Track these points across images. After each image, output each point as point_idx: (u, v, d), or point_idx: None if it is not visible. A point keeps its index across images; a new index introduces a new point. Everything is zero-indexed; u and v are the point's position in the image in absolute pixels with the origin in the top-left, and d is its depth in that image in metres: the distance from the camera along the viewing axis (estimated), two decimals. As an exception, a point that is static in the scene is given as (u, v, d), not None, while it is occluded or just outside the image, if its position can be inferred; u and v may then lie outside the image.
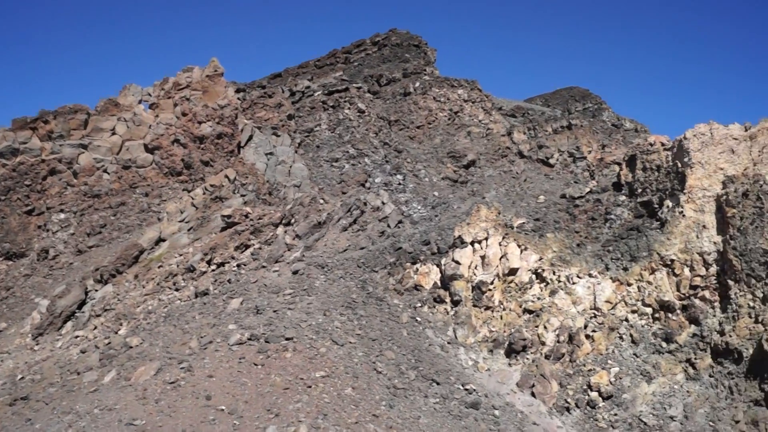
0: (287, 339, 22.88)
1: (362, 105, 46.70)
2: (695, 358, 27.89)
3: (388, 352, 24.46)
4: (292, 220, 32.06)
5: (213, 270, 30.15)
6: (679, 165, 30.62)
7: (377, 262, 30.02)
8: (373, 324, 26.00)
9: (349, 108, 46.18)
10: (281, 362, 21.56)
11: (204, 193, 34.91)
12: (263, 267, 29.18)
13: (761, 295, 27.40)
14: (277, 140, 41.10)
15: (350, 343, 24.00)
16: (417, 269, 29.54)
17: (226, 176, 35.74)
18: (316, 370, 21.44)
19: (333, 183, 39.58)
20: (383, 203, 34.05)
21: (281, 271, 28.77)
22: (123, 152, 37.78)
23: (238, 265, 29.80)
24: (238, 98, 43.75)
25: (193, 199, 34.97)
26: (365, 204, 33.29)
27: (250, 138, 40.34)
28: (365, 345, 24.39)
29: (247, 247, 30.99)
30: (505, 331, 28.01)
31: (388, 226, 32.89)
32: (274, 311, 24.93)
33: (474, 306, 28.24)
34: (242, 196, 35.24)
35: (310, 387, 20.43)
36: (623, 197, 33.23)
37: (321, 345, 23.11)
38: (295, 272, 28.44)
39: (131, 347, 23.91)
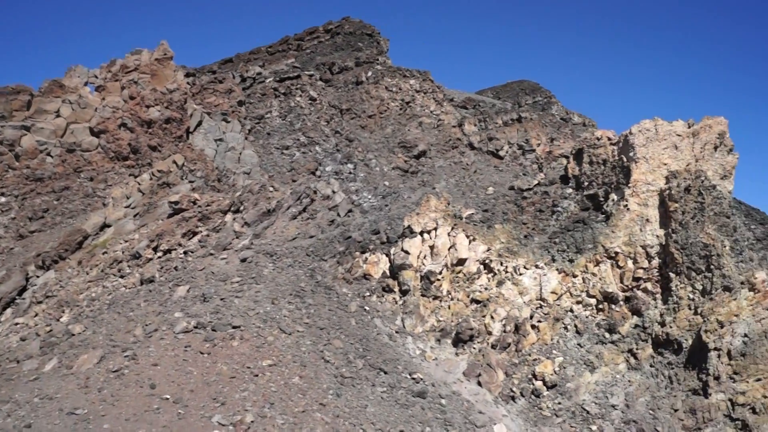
0: (234, 327, 22.74)
1: (314, 93, 46.48)
2: (637, 349, 28.55)
3: (336, 341, 24.49)
4: (241, 208, 31.79)
5: (159, 257, 29.75)
6: (625, 159, 31.20)
7: (326, 251, 29.99)
8: (321, 313, 25.99)
9: (300, 95, 45.92)
10: (228, 351, 21.43)
11: (151, 179, 34.37)
12: (211, 254, 28.91)
13: (701, 287, 28.15)
14: (227, 126, 40.64)
15: (298, 331, 23.96)
16: (366, 258, 29.58)
17: (174, 162, 35.23)
18: (263, 359, 21.37)
19: (283, 171, 39.32)
20: (333, 192, 33.99)
21: (229, 258, 28.54)
22: (67, 135, 36.92)
23: (185, 253, 29.47)
24: (188, 83, 43.10)
25: (139, 184, 34.40)
26: (315, 192, 33.20)
27: (200, 123, 39.80)
28: (313, 334, 24.37)
29: (195, 234, 30.65)
30: (452, 321, 28.26)
31: (338, 215, 32.87)
32: (222, 299, 24.75)
33: (422, 296, 28.42)
34: (190, 182, 34.81)
35: (257, 376, 20.36)
36: (570, 190, 33.74)
37: (268, 333, 23.03)
38: (243, 260, 28.25)
39: (73, 335, 23.48)
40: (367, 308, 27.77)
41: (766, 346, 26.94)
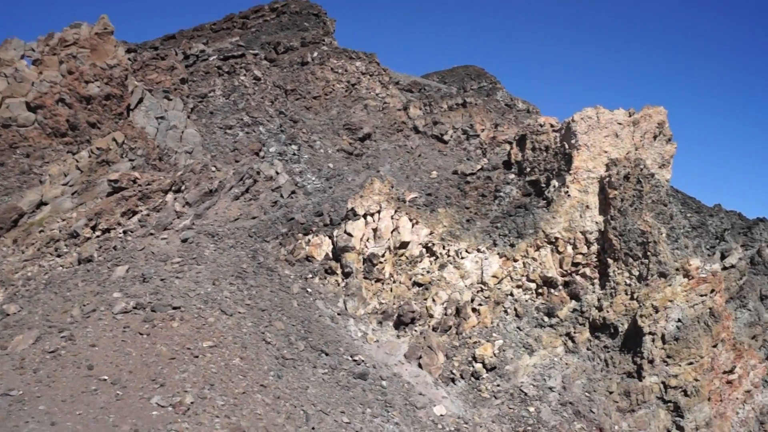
0: (174, 308, 22.40)
1: (258, 72, 45.88)
2: (574, 332, 29.11)
3: (277, 323, 24.35)
4: (183, 187, 31.27)
5: (98, 236, 29.10)
6: (567, 146, 31.63)
7: (269, 232, 29.74)
8: (263, 294, 25.80)
9: (244, 75, 45.28)
10: (167, 332, 21.11)
11: (90, 156, 33.51)
12: (151, 234, 28.40)
13: (637, 273, 28.81)
14: (169, 104, 39.84)
15: (239, 313, 23.74)
16: (309, 240, 29.44)
17: (114, 139, 34.40)
18: (203, 340, 21.12)
19: (226, 151, 38.78)
20: (277, 173, 33.68)
21: (170, 238, 28.09)
22: (3, 110, 35.66)
23: (125, 232, 28.89)
24: (129, 59, 42.04)
25: (78, 162, 33.50)
26: (258, 173, 32.85)
27: (141, 101, 38.91)
28: (254, 315, 24.18)
29: (135, 213, 30.06)
30: (394, 304, 28.36)
31: (281, 196, 32.60)
32: (162, 280, 24.35)
33: (365, 278, 28.44)
34: (131, 160, 34.06)
35: (197, 357, 20.11)
36: (513, 176, 34.10)
37: (209, 315, 22.76)
38: (184, 240, 27.83)
39: (8, 315, 22.84)
40: (309, 290, 27.66)
41: (698, 331, 27.76)
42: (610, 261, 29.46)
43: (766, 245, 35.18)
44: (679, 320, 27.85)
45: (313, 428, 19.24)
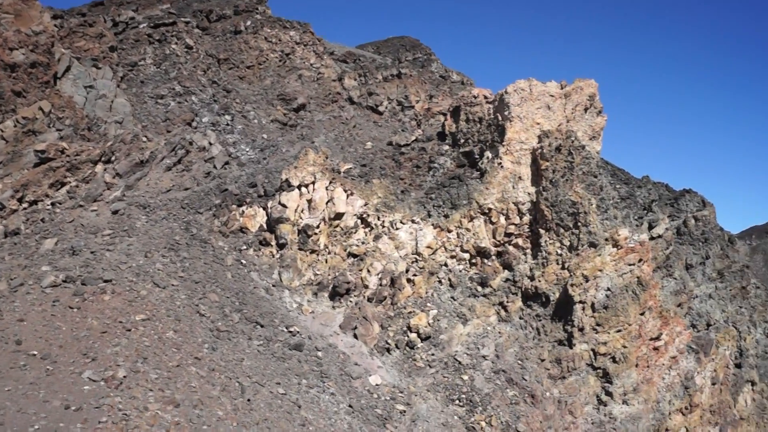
0: (105, 281, 21.91)
1: (190, 41, 44.79)
2: (507, 302, 29.60)
3: (211, 295, 24.06)
4: (113, 158, 30.44)
5: (25, 208, 28.15)
6: (500, 118, 31.89)
7: (202, 204, 29.25)
8: (196, 266, 25.42)
9: (176, 43, 44.14)
10: (99, 305, 20.65)
11: (15, 126, 32.27)
12: (80, 206, 27.63)
13: (568, 243, 29.39)
14: (98, 73, 38.58)
15: (172, 285, 23.37)
16: (243, 212, 29.06)
17: (41, 109, 33.20)
18: (135, 313, 20.74)
19: (157, 121, 37.85)
20: (210, 144, 33.06)
21: (100, 210, 27.39)
22: None
23: (53, 204, 28.03)
24: (55, 25, 40.51)
25: (2, 131, 32.25)
26: (191, 144, 32.19)
27: (68, 69, 37.57)
28: (188, 287, 23.84)
29: (63, 184, 29.17)
30: (329, 275, 28.32)
31: (215, 167, 32.05)
32: (92, 252, 23.76)
33: (300, 249, 28.29)
34: (58, 130, 32.93)
35: (129, 330, 19.76)
36: (447, 147, 34.27)
37: (141, 287, 22.34)
38: (114, 212, 27.17)
39: (-71, 289, 22.01)
40: (243, 262, 27.39)
41: (626, 300, 28.54)
42: (541, 231, 29.96)
43: (692, 216, 36.24)
44: (608, 289, 28.58)
45: (248, 400, 19.17)
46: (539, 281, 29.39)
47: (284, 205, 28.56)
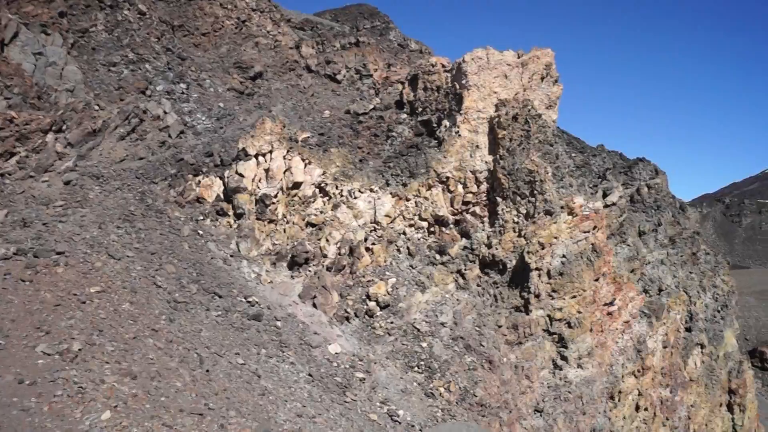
0: (58, 253, 21.55)
1: (143, 6, 43.82)
2: (465, 269, 29.88)
3: (168, 266, 23.85)
4: (64, 127, 29.81)
5: (-28, 179, 27.52)
6: (457, 87, 31.92)
7: (157, 174, 28.86)
8: (152, 237, 25.15)
9: (128, 9, 43.14)
10: (52, 278, 20.33)
11: (-40, 94, 31.44)
12: (31, 177, 27.06)
13: (525, 211, 29.69)
14: (47, 39, 37.57)
15: (128, 257, 23.10)
16: (199, 181, 28.75)
17: (-13, 76, 32.33)
18: (90, 286, 20.47)
19: (110, 89, 37.04)
20: (165, 112, 32.54)
21: (51, 181, 26.85)
22: None
23: (2, 175, 27.38)
24: (0, -10, 39.34)
25: (-54, 100, 31.40)
26: (145, 112, 31.66)
27: (16, 35, 36.51)
28: (144, 259, 23.58)
29: (13, 155, 28.49)
30: (288, 244, 28.27)
31: (170, 136, 31.59)
32: (44, 224, 23.32)
33: (257, 219, 28.14)
34: (6, 99, 32.07)
35: (84, 303, 19.50)
36: (405, 116, 34.24)
37: (96, 259, 22.03)
38: (67, 183, 26.66)
39: None
40: (200, 232, 27.17)
41: (581, 266, 29.01)
42: (498, 200, 30.21)
43: (645, 184, 36.85)
44: (564, 256, 29.00)
45: (207, 371, 19.14)
46: (496, 249, 29.69)
47: (241, 175, 28.34)
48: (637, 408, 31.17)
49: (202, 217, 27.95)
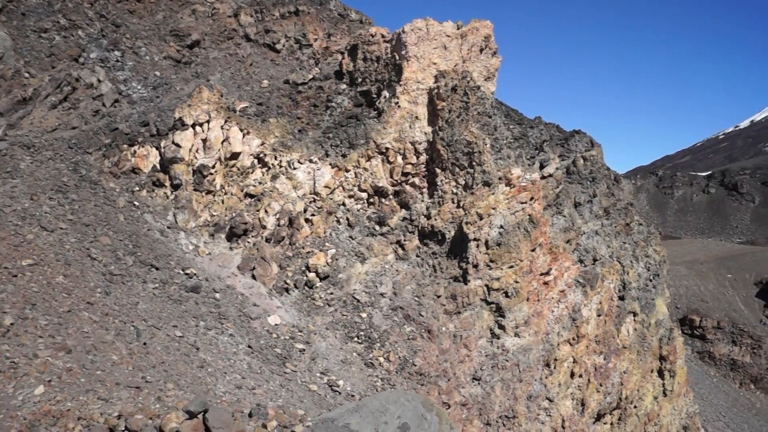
0: (-13, 225, 20.97)
1: (74, -29, 42.45)
2: (404, 240, 30.06)
3: (103, 238, 23.38)
4: (-8, 95, 28.84)
5: None
6: (397, 57, 31.85)
7: (91, 144, 28.15)
8: (86, 209, 24.58)
9: (58, -27, 41.77)
10: (-20, 250, 19.78)
11: None
12: (-43, 146, 26.15)
13: (463, 182, 29.95)
14: (-28, 3, 36.21)
15: (61, 228, 22.56)
16: (135, 151, 28.14)
17: None
18: (22, 258, 19.96)
19: (41, 56, 35.86)
20: (99, 81, 31.70)
21: (-21, 151, 26.00)
22: None
23: (-74, 144, 26.41)
24: None
25: None
26: (78, 80, 30.79)
27: (-62, -2, 35.10)
28: (78, 231, 23.07)
29: (-63, 123, 27.48)
30: (226, 215, 27.98)
31: (104, 105, 30.82)
32: (-28, 195, 22.63)
33: (195, 190, 27.75)
34: (-71, 65, 30.86)
35: (15, 276, 19.02)
36: (344, 86, 34.03)
37: (28, 231, 21.46)
38: (-5, 152, 25.86)
39: None
40: (136, 203, 26.67)
41: (518, 237, 29.47)
42: (438, 171, 30.39)
43: (581, 156, 37.47)
44: (501, 226, 29.41)
45: (144, 344, 18.93)
46: (435, 220, 29.92)
47: (178, 145, 27.84)
48: (572, 375, 31.98)
49: (137, 188, 27.43)
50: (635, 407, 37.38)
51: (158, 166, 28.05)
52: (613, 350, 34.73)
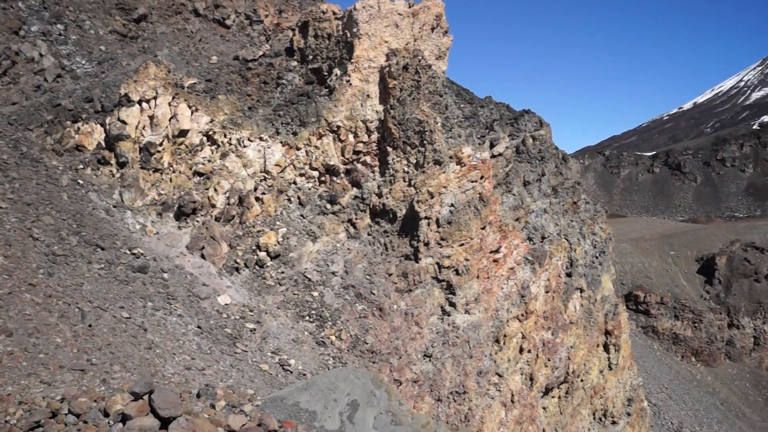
0: (-77, 203, 20.27)
1: (14, -59, 41.02)
2: (356, 219, 29.98)
3: (45, 218, 22.77)
4: (-73, 69, 27.79)
5: None
6: (349, 35, 31.57)
7: (32, 120, 27.31)
8: (28, 187, 23.89)
9: (-3, -57, 40.33)
10: None
11: None
12: None
13: (414, 161, 29.94)
14: None
15: (1, 208, 21.89)
16: (78, 128, 27.40)
17: None
18: (-40, 238, 19.39)
19: (-21, 29, 34.70)
20: (41, 55, 30.76)
21: None
22: None
23: None
24: None
25: None
26: (18, 54, 29.82)
27: None
28: (19, 210, 22.41)
29: None
30: (174, 194, 27.51)
31: (46, 80, 29.93)
32: None
33: (142, 168, 27.18)
34: None
35: (-48, 256, 18.47)
36: (295, 63, 33.64)
37: (-34, 210, 20.84)
38: (-69, 128, 24.97)
39: None
40: (80, 182, 26.02)
41: (469, 215, 29.61)
42: (389, 149, 30.31)
43: (530, 135, 37.76)
44: (452, 205, 29.52)
45: (90, 325, 18.54)
46: (387, 198, 29.88)
47: (124, 122, 27.19)
48: (521, 350, 32.41)
49: (82, 166, 26.75)
50: (582, 381, 38.15)
51: (103, 144, 27.37)
52: (561, 326, 35.30)
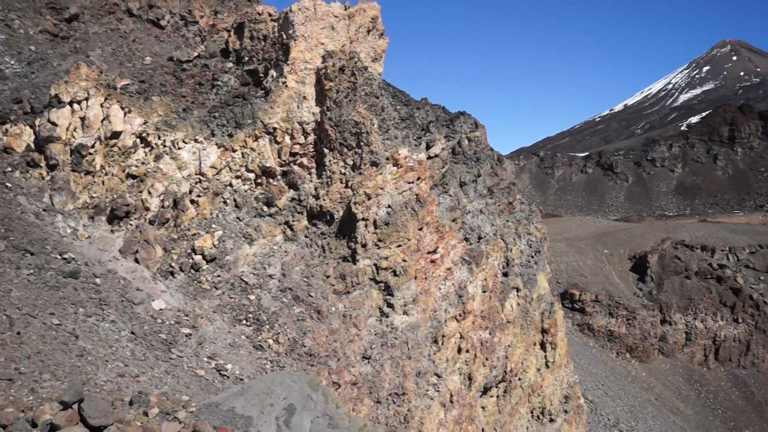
0: None
1: (-64, -64, 39.66)
2: (293, 221, 29.89)
3: (-28, 222, 22.11)
4: None
5: None
6: (285, 37, 31.46)
7: (-43, 122, 26.47)
8: (-47, 191, 23.17)
9: None
10: None
11: None
12: None
13: (351, 162, 30.00)
14: None
15: (-76, 212, 21.20)
16: (7, 130, 26.63)
17: None
18: None
19: None
20: (-35, 55, 29.84)
21: None
22: None
23: None
24: None
25: None
26: (-59, 54, 28.89)
27: None
28: (-57, 214, 21.72)
29: None
30: (107, 197, 26.97)
31: (-29, 81, 29.04)
32: None
33: (73, 171, 26.56)
34: None
35: None
36: (231, 64, 33.36)
37: None
38: None
39: None
40: (8, 185, 25.29)
41: (406, 216, 29.82)
42: (326, 151, 30.31)
43: (466, 137, 38.18)
44: (389, 206, 29.68)
45: (18, 333, 18.05)
46: (324, 200, 29.89)
47: (54, 123, 26.53)
48: (459, 350, 32.78)
49: (10, 169, 26.00)
50: (520, 379, 38.75)
51: (33, 146, 26.64)
52: (498, 325, 35.81)
